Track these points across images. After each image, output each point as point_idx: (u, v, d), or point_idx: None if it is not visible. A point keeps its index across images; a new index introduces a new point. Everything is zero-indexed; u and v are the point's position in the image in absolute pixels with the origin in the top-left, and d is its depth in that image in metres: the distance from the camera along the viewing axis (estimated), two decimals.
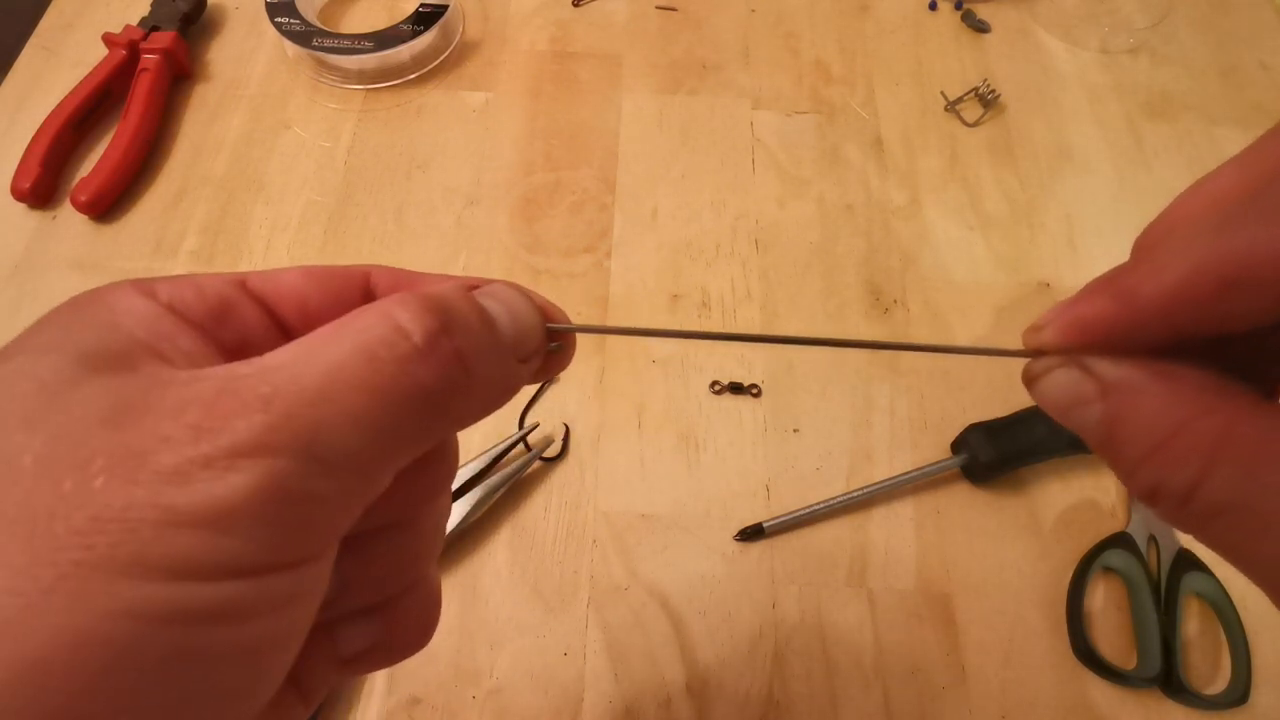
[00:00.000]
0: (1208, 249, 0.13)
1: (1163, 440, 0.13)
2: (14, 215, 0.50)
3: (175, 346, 0.14)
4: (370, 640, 0.18)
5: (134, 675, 0.11)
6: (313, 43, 0.54)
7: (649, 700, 0.37)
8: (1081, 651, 0.37)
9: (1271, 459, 0.12)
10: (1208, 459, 0.12)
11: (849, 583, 0.40)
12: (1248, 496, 0.12)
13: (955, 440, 0.41)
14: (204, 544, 0.11)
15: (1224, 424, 0.13)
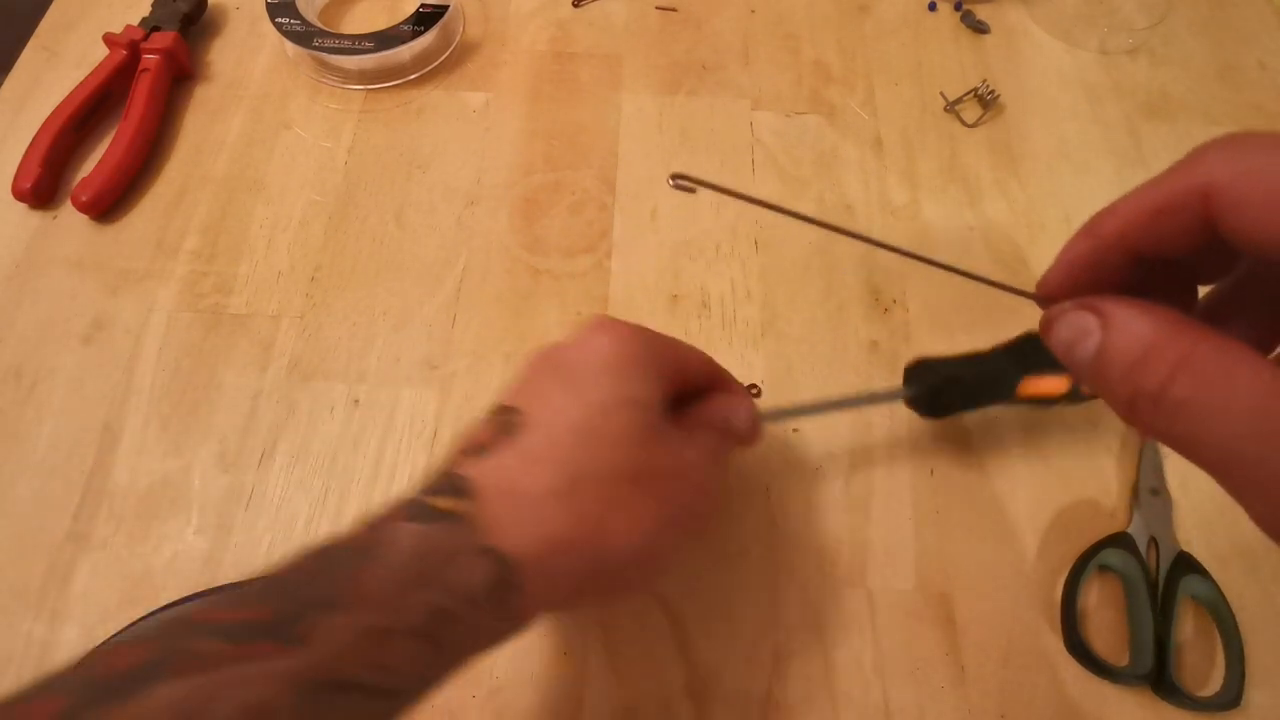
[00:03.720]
0: (1144, 193, 0.19)
1: (1143, 355, 0.17)
2: (14, 215, 0.50)
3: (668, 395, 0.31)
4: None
5: (664, 562, 0.30)
6: (313, 43, 0.54)
7: (649, 700, 0.37)
8: (1073, 645, 0.38)
9: (1219, 367, 0.16)
10: (1175, 367, 0.17)
11: (849, 582, 0.40)
12: (1201, 394, 0.16)
13: (905, 371, 0.40)
14: (714, 500, 0.33)
15: (1188, 344, 0.17)
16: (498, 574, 0.24)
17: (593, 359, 0.28)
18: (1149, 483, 0.41)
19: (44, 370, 0.45)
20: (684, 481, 0.29)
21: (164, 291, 0.48)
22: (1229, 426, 0.15)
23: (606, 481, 0.26)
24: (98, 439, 0.43)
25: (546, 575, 0.25)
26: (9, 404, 0.44)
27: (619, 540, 0.26)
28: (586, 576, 0.26)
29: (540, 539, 0.25)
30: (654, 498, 0.27)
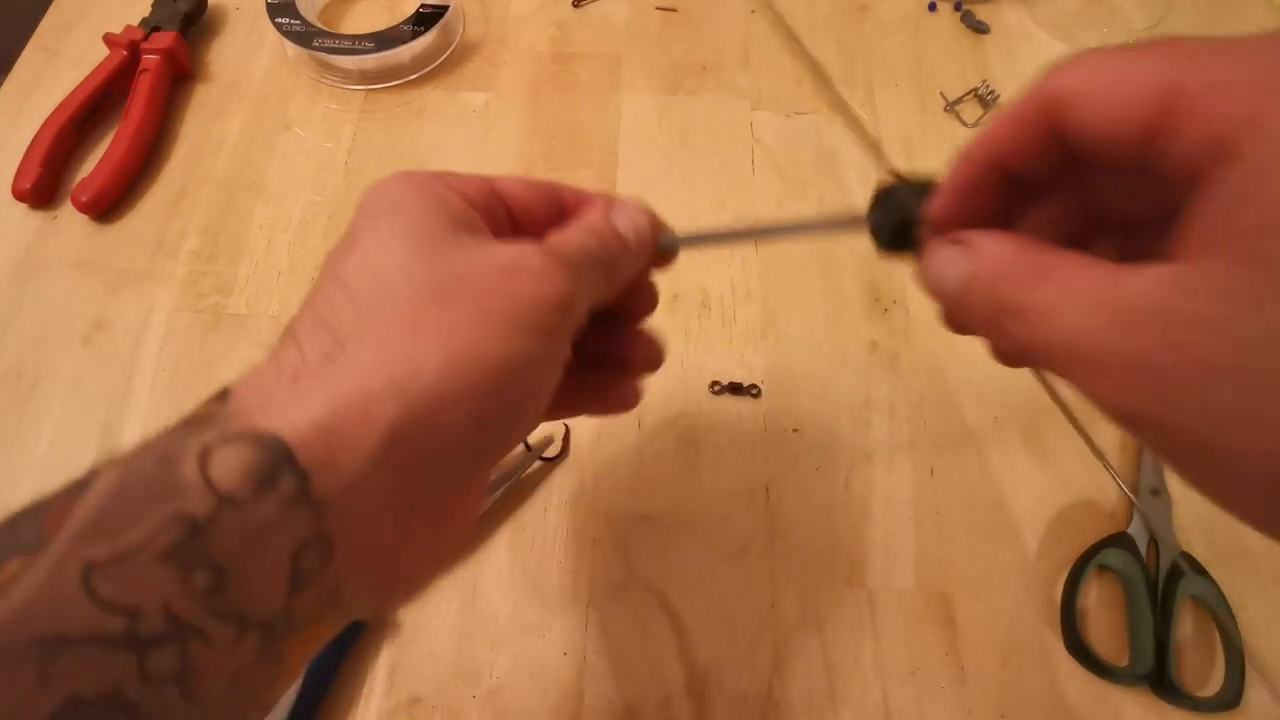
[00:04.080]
0: (1005, 112, 0.20)
1: (1002, 275, 0.19)
2: (14, 215, 0.50)
3: (479, 222, 0.23)
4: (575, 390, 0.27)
5: (523, 389, 0.21)
6: (313, 43, 0.54)
7: (649, 700, 0.37)
8: (1073, 645, 0.38)
9: (1064, 273, 0.18)
10: (1029, 280, 0.18)
11: (849, 583, 0.40)
12: (1050, 297, 0.18)
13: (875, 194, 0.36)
14: (554, 319, 0.22)
15: (1038, 259, 0.19)
16: (258, 458, 0.18)
17: (348, 236, 0.22)
18: (1149, 483, 0.42)
19: (44, 370, 0.45)
20: (510, 277, 0.21)
21: (164, 292, 0.48)
22: (1075, 320, 0.17)
23: (384, 317, 0.20)
24: (98, 439, 0.43)
25: (343, 444, 0.19)
26: (9, 404, 0.44)
27: (426, 364, 0.19)
28: (402, 425, 0.19)
29: (317, 403, 0.19)
30: (465, 303, 0.20)
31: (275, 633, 0.18)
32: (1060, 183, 0.21)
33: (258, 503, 0.18)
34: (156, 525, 0.17)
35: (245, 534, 0.17)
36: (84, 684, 0.15)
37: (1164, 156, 0.17)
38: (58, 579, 0.16)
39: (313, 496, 0.18)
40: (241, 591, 0.17)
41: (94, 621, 0.16)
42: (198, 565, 0.17)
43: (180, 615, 0.17)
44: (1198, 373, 0.15)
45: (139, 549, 0.16)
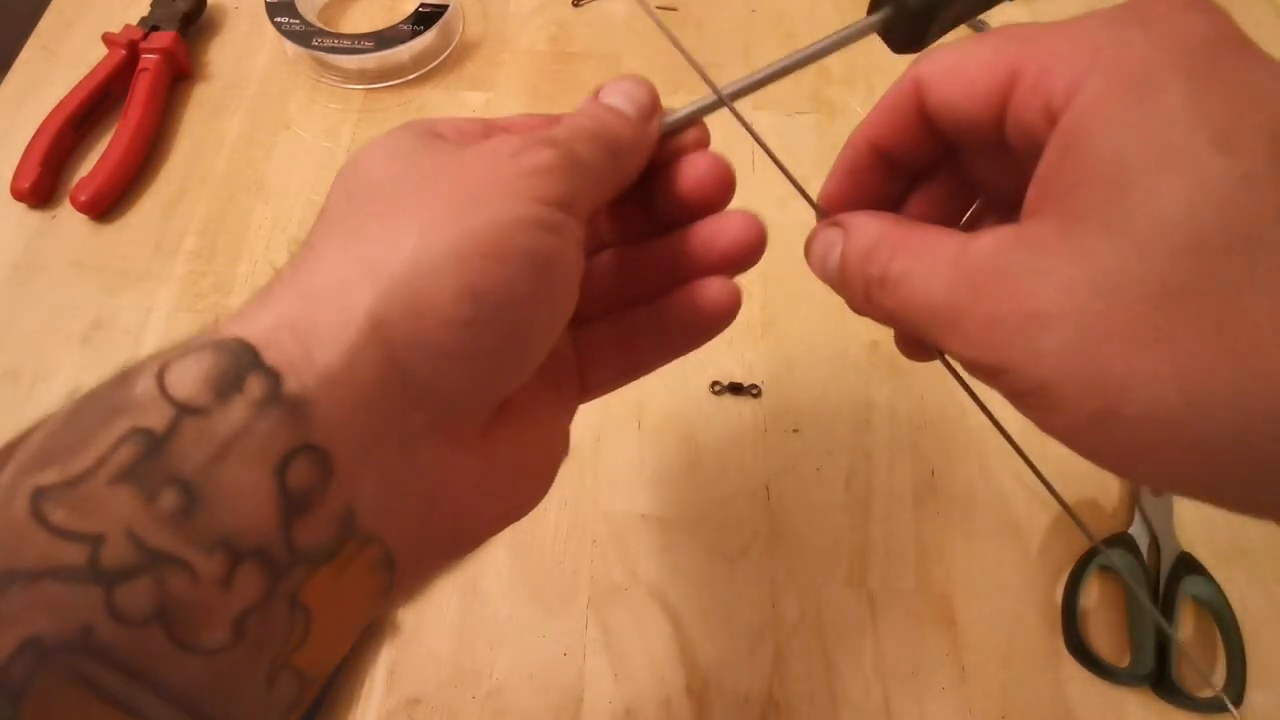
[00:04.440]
0: (880, 99, 0.22)
1: (871, 249, 0.20)
2: (14, 215, 0.50)
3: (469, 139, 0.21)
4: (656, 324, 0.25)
5: (516, 259, 0.18)
6: (313, 43, 0.54)
7: (649, 700, 0.37)
8: (1074, 645, 0.38)
9: (923, 242, 0.19)
10: (893, 251, 0.20)
11: (849, 583, 0.40)
12: (912, 264, 0.19)
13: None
14: (540, 183, 0.19)
15: (903, 233, 0.20)
16: (219, 361, 0.16)
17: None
18: None
19: (44, 370, 0.45)
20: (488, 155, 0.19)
21: (163, 291, 0.48)
22: (929, 283, 0.18)
23: (355, 214, 0.19)
24: None
25: (316, 336, 0.17)
26: (9, 404, 0.44)
27: (401, 242, 0.17)
28: (381, 305, 0.17)
29: (284, 301, 0.17)
30: (440, 185, 0.19)
31: (280, 568, 0.16)
32: (940, 166, 0.23)
33: (223, 409, 0.15)
34: (110, 444, 0.15)
35: (213, 446, 0.15)
36: (44, 623, 0.13)
37: (1013, 131, 0.18)
38: (6, 510, 0.14)
39: (287, 397, 0.16)
40: (221, 513, 0.15)
41: (48, 551, 0.14)
42: (162, 484, 0.15)
43: (149, 542, 0.14)
44: (1029, 321, 0.16)
45: (92, 470, 0.14)
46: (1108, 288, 0.15)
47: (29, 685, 0.13)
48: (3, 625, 0.13)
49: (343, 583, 0.17)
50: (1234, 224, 0.15)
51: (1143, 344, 0.15)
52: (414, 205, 0.18)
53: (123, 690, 0.14)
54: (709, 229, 0.26)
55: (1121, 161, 0.15)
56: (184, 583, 0.14)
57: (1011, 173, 0.19)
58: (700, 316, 0.25)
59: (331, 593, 0.17)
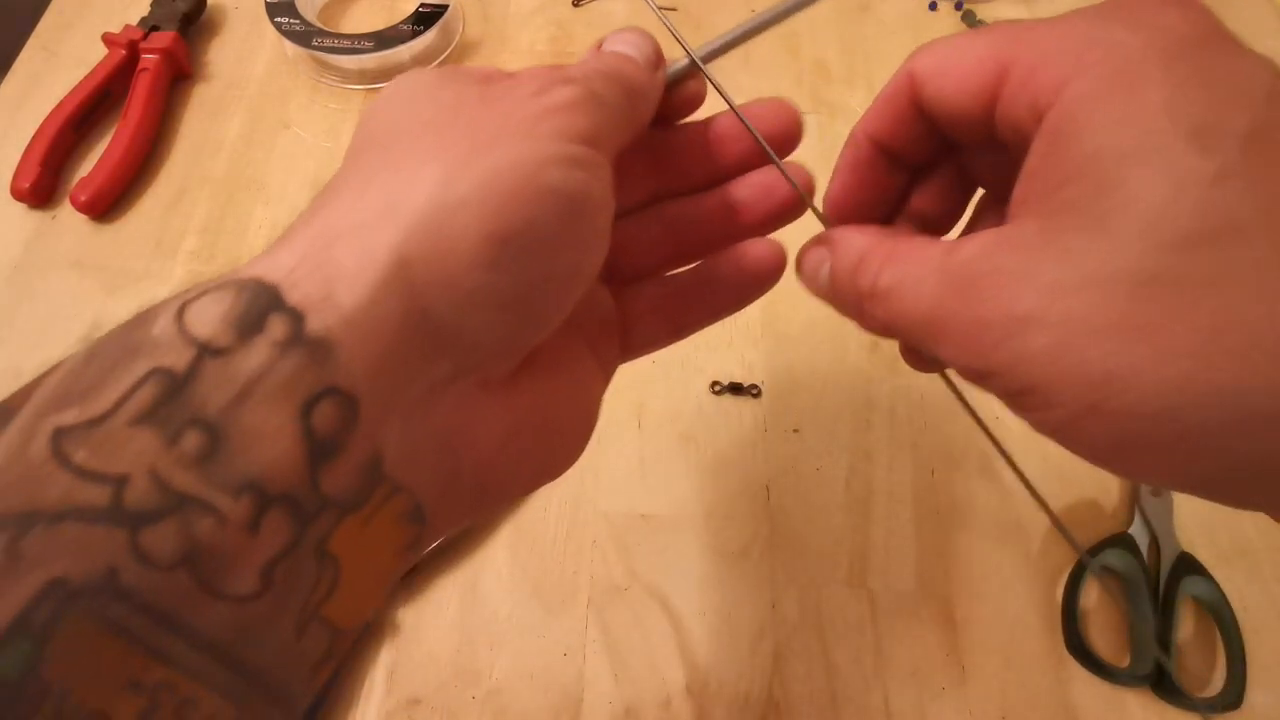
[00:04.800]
0: (878, 95, 0.22)
1: (859, 263, 0.20)
2: (13, 215, 0.50)
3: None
4: (700, 284, 0.25)
5: (544, 198, 0.18)
6: (313, 43, 0.54)
7: (649, 700, 0.37)
8: (1074, 646, 0.38)
9: (910, 253, 0.19)
10: (881, 263, 0.20)
11: (849, 583, 0.40)
12: (900, 274, 0.19)
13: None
14: (565, 119, 0.19)
15: (889, 245, 0.20)
16: (239, 301, 0.15)
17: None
18: None
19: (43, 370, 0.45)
20: (507, 93, 0.19)
21: (163, 292, 0.47)
22: (918, 291, 0.18)
23: (372, 159, 0.18)
24: None
25: (340, 275, 0.16)
26: None
27: (422, 180, 0.17)
28: (405, 243, 0.16)
29: (305, 241, 0.17)
30: (459, 124, 0.18)
31: (309, 515, 0.15)
32: (941, 159, 0.23)
33: (245, 349, 0.15)
34: (130, 384, 0.14)
35: (236, 386, 0.15)
36: (68, 565, 0.13)
37: (1004, 127, 0.19)
38: (24, 450, 0.14)
39: (310, 338, 0.15)
40: (246, 456, 0.14)
41: (71, 491, 0.13)
42: (184, 425, 0.14)
43: (173, 484, 0.14)
44: (1013, 323, 0.16)
45: (113, 411, 0.14)
46: (1088, 286, 0.15)
47: (54, 629, 0.13)
48: (26, 567, 0.13)
49: (371, 533, 0.17)
50: (1209, 219, 0.15)
51: (1124, 341, 0.15)
52: (436, 144, 0.18)
53: (150, 635, 0.13)
54: (752, 187, 0.25)
55: (1102, 159, 0.16)
56: (210, 526, 0.14)
57: (1008, 167, 0.19)
58: (747, 276, 0.25)
59: (360, 543, 0.16)
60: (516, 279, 0.18)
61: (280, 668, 0.15)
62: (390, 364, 0.16)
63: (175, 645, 0.14)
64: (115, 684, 0.13)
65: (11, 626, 0.12)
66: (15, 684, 0.12)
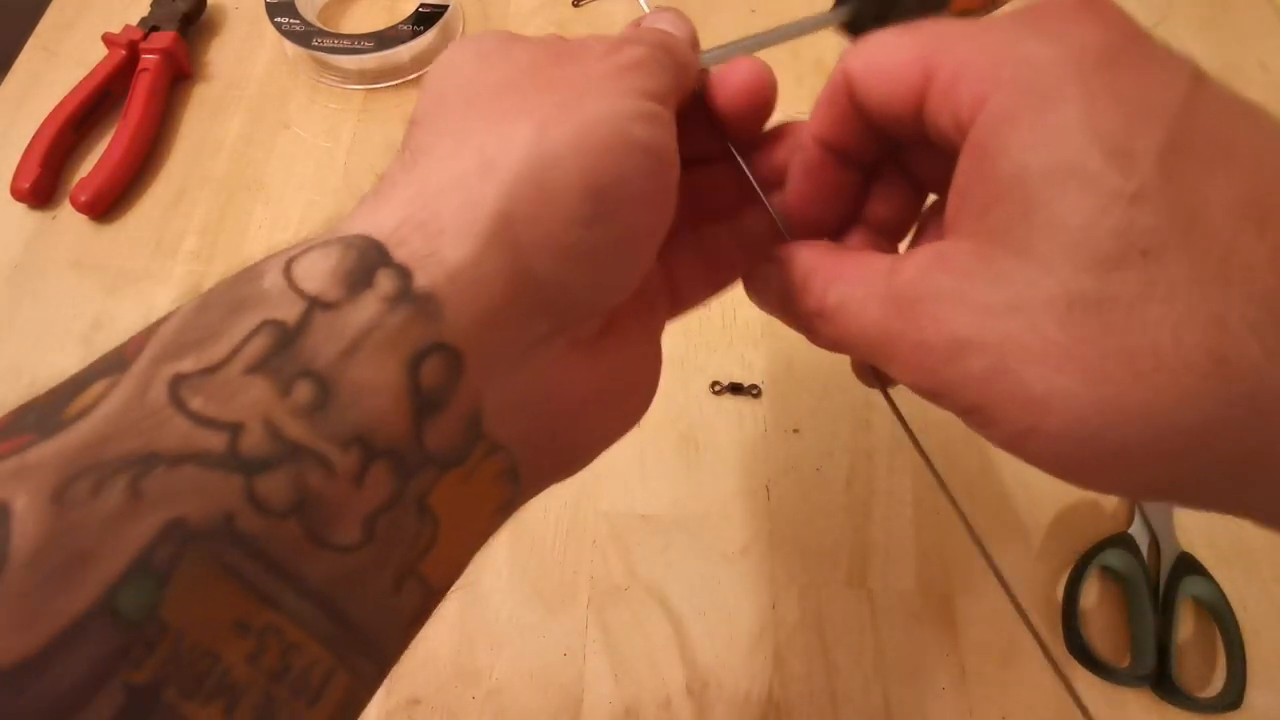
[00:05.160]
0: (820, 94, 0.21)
1: (804, 282, 0.20)
2: (13, 215, 0.50)
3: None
4: (739, 238, 0.25)
5: (633, 153, 0.18)
6: (313, 43, 0.54)
7: (649, 700, 0.37)
8: (1074, 646, 0.38)
9: (855, 271, 0.19)
10: (826, 283, 0.20)
11: (849, 583, 0.40)
12: (846, 294, 0.19)
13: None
14: (641, 77, 0.19)
15: (833, 262, 0.20)
16: (347, 257, 0.16)
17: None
18: None
19: (43, 370, 0.45)
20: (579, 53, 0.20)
21: (163, 292, 0.48)
22: (862, 312, 0.19)
23: (458, 116, 0.19)
24: None
25: (443, 232, 0.16)
26: (8, 404, 0.43)
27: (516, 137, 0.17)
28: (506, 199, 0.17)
29: (404, 201, 0.17)
30: (539, 81, 0.19)
31: (411, 470, 0.15)
32: (889, 163, 0.23)
33: (354, 303, 0.15)
34: (242, 335, 0.15)
35: (345, 339, 0.15)
36: (187, 507, 0.13)
37: (932, 133, 0.19)
38: (144, 395, 0.14)
39: (418, 293, 0.16)
40: (355, 408, 0.15)
41: (189, 436, 0.14)
42: (296, 376, 0.14)
43: (286, 433, 0.14)
44: (953, 346, 0.16)
45: (227, 360, 0.14)
46: (1020, 310, 0.16)
47: (174, 569, 0.13)
48: (148, 506, 0.13)
49: (469, 491, 0.17)
50: (1128, 239, 0.15)
51: (1055, 364, 0.15)
52: (523, 101, 0.18)
53: (261, 580, 0.14)
54: (768, 148, 0.25)
55: (1025, 180, 0.16)
56: (320, 477, 0.14)
57: (944, 168, 0.19)
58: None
59: (459, 500, 0.17)
60: (611, 233, 0.18)
61: (377, 621, 0.16)
62: (494, 321, 0.17)
63: (283, 592, 0.14)
64: (226, 626, 0.13)
65: (135, 564, 0.13)
66: (137, 623, 0.12)
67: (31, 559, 0.12)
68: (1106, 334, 0.15)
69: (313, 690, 0.15)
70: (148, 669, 0.12)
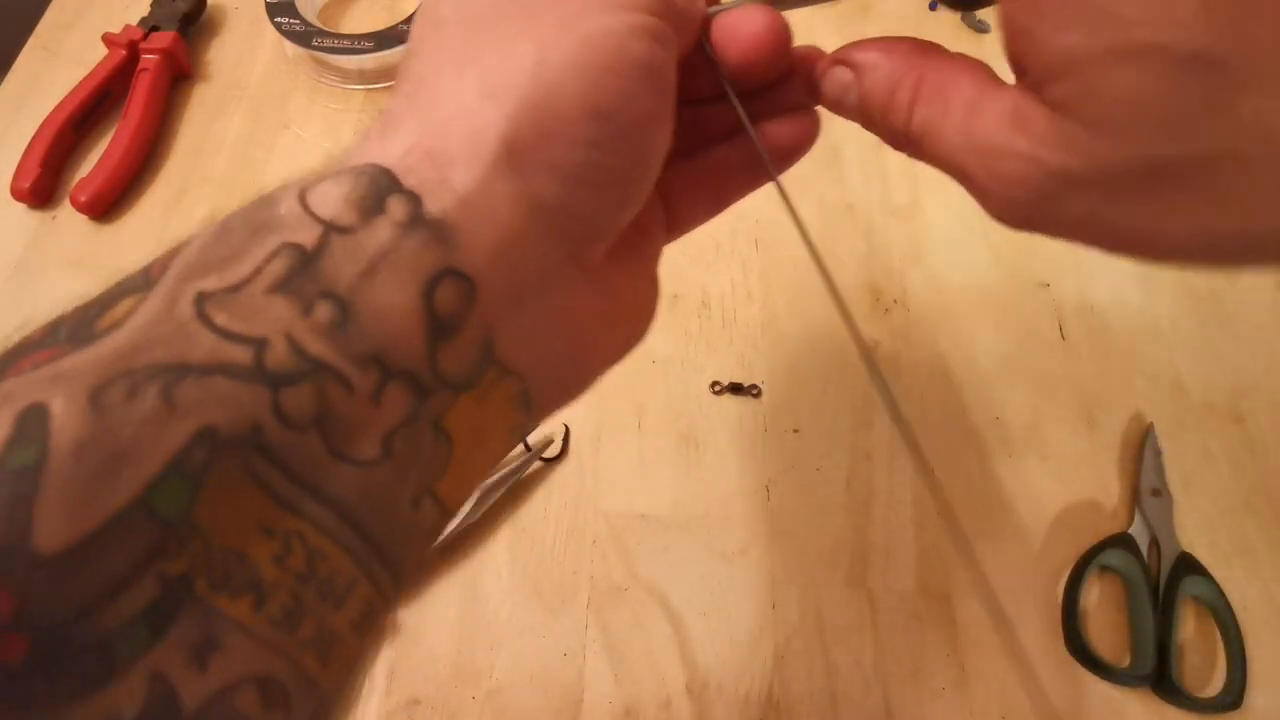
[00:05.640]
0: None
1: (889, 98, 0.20)
2: (14, 215, 0.50)
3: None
4: (740, 157, 0.24)
5: (633, 72, 0.17)
6: (313, 43, 0.54)
7: (649, 700, 0.37)
8: (1074, 646, 0.38)
9: (939, 89, 0.19)
10: (911, 102, 0.19)
11: (849, 583, 0.40)
12: (933, 117, 0.19)
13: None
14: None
15: (917, 75, 0.19)
16: (359, 185, 0.16)
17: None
18: (1150, 483, 0.41)
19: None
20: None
21: None
22: (952, 143, 0.18)
23: (458, 43, 0.18)
24: None
25: (451, 159, 0.17)
26: None
27: (518, 63, 0.17)
28: (511, 125, 0.17)
29: (411, 130, 0.18)
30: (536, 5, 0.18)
31: (426, 390, 0.16)
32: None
33: (369, 229, 0.16)
34: (263, 257, 0.15)
35: (362, 263, 0.15)
36: (217, 416, 0.14)
37: None
38: (171, 310, 0.14)
39: (430, 219, 0.16)
40: (372, 329, 0.15)
41: (217, 350, 0.14)
42: (316, 296, 0.15)
43: (309, 350, 0.15)
44: (1035, 204, 0.17)
45: (250, 279, 0.15)
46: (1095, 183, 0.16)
47: (206, 473, 0.13)
48: (180, 413, 0.13)
49: (482, 414, 0.17)
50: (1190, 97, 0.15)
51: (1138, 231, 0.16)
52: (519, 23, 0.18)
53: (286, 490, 0.14)
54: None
55: (1073, 61, 0.15)
56: (340, 393, 0.15)
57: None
58: (779, 148, 0.25)
59: (471, 423, 0.17)
60: (615, 156, 0.18)
61: (396, 536, 0.16)
62: (504, 247, 0.17)
63: (306, 500, 0.15)
64: (253, 529, 0.14)
65: (169, 466, 0.13)
66: (172, 523, 0.13)
67: (72, 455, 0.13)
68: (1180, 193, 0.15)
69: (337, 595, 0.15)
70: (181, 562, 0.13)
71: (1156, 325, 0.47)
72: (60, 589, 0.12)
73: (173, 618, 0.13)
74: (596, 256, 0.20)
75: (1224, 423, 0.44)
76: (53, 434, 0.13)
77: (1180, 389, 0.45)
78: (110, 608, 0.13)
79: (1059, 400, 0.44)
